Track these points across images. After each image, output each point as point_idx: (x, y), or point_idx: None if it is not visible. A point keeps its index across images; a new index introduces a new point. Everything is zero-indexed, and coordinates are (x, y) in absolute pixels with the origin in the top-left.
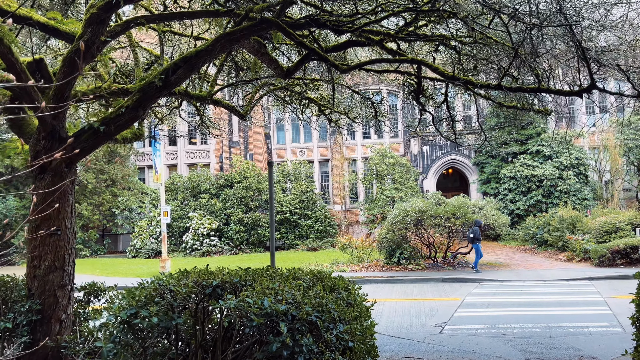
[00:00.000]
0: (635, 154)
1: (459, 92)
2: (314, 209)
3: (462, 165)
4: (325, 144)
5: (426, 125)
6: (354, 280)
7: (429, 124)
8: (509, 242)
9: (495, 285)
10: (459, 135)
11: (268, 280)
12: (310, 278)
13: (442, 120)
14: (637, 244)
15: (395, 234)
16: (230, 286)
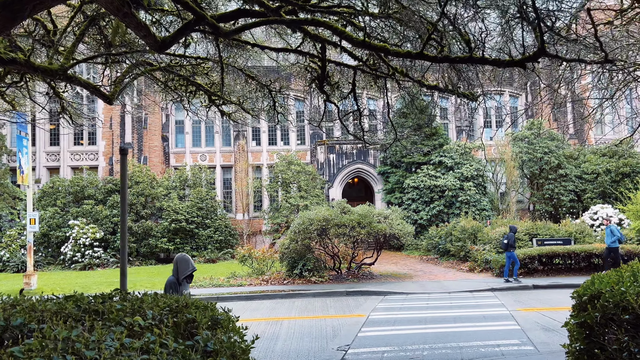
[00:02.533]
0: (528, 166)
1: (367, 85)
2: (213, 218)
3: (368, 174)
4: (228, 149)
5: (332, 119)
6: (253, 296)
7: (334, 119)
8: (412, 252)
9: (401, 299)
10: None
11: (71, 322)
12: (159, 312)
13: (348, 113)
14: (535, 254)
15: (298, 244)
16: (16, 330)
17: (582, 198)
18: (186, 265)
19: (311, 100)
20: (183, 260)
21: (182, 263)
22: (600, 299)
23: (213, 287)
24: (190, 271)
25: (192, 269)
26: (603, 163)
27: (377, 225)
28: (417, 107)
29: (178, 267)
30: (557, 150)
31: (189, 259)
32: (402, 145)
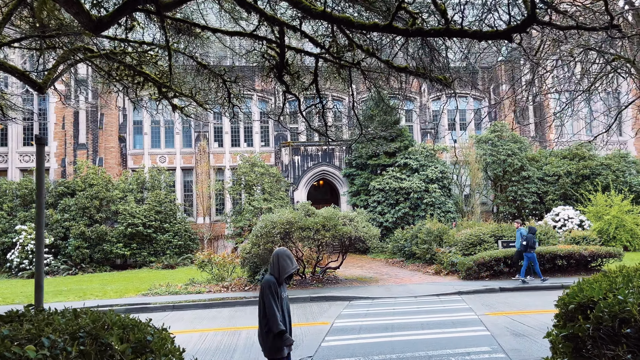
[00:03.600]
0: (492, 168)
1: (330, 76)
2: (172, 222)
3: (333, 176)
4: (189, 150)
5: (295, 118)
6: (212, 303)
7: (297, 115)
8: (378, 255)
9: (367, 304)
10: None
11: None
12: (63, 337)
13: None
14: (501, 255)
15: (260, 249)
16: None
17: (544, 200)
18: (289, 262)
19: (275, 101)
20: (285, 256)
21: (284, 259)
22: (595, 309)
23: (169, 295)
24: (293, 269)
25: (294, 267)
26: (564, 165)
27: (342, 228)
28: (383, 108)
29: (279, 264)
30: (520, 153)
31: (291, 255)
32: (368, 141)
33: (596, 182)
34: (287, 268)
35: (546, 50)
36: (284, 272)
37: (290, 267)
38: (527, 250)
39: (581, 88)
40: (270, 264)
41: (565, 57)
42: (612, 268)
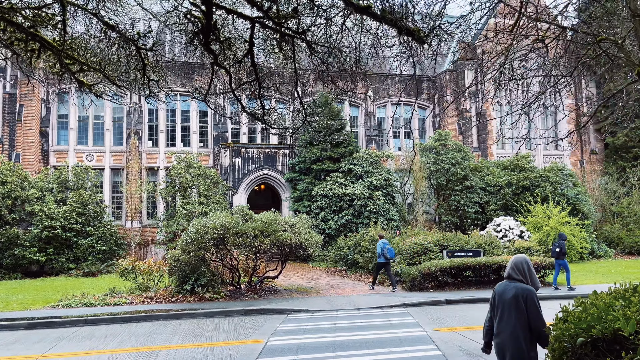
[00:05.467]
0: (436, 177)
1: (269, 49)
2: (97, 225)
3: (275, 181)
4: (120, 148)
5: (237, 120)
6: (131, 317)
7: (239, 113)
8: (320, 264)
9: (306, 318)
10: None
11: None
12: None
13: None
14: (446, 266)
15: (190, 256)
16: None
17: (486, 210)
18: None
19: (216, 101)
20: (526, 262)
21: (529, 265)
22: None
23: (83, 307)
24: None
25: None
26: (505, 176)
27: (282, 235)
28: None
29: (531, 271)
30: (464, 162)
31: None
32: (313, 132)
33: (536, 194)
34: (536, 276)
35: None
36: (536, 280)
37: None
38: (559, 257)
39: (522, 101)
40: (520, 271)
41: (506, 69)
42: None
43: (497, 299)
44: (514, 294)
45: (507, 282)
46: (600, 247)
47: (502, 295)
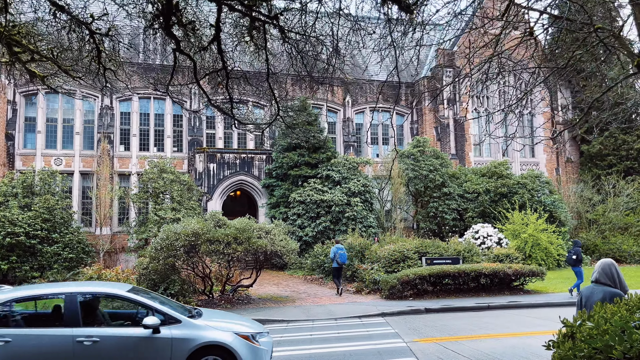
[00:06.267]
0: (414, 184)
1: (239, 35)
2: (63, 232)
3: (252, 187)
4: (90, 152)
5: (212, 123)
6: None
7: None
8: (296, 272)
9: (281, 329)
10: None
11: None
12: None
13: (211, 72)
14: (425, 273)
15: (160, 263)
16: None
17: (464, 217)
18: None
19: (191, 103)
20: (614, 266)
21: (616, 269)
22: None
23: None
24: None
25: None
26: (483, 183)
27: (256, 241)
28: (305, 116)
29: (620, 275)
30: (442, 169)
31: None
32: (287, 129)
33: (513, 201)
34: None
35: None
36: (624, 284)
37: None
38: (576, 264)
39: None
40: (608, 275)
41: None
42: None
43: (584, 302)
44: (601, 297)
45: (594, 286)
46: None
47: (589, 298)
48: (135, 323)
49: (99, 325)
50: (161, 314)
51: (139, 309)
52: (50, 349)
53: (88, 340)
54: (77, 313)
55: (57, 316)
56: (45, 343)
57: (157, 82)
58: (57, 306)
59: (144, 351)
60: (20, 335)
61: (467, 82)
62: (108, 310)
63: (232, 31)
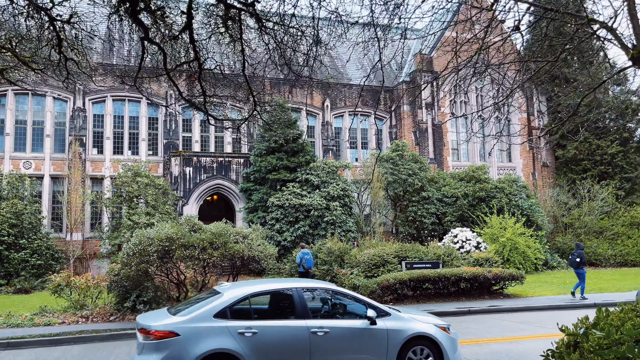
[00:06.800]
0: (393, 188)
1: (213, 26)
2: (32, 237)
3: (229, 191)
4: (62, 156)
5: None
6: (61, 339)
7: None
8: (274, 277)
9: None
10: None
11: None
12: None
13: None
14: (405, 278)
15: (132, 270)
16: None
17: (443, 221)
18: None
19: (167, 108)
20: None
21: None
22: None
23: (7, 328)
24: None
25: None
26: (461, 187)
27: (233, 246)
28: (284, 120)
29: None
30: (420, 173)
31: None
32: (265, 128)
33: (491, 205)
34: None
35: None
36: None
37: None
38: (579, 267)
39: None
40: None
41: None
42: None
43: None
44: None
45: None
46: (553, 258)
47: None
48: (350, 315)
49: (324, 318)
50: (373, 308)
51: (349, 303)
52: (290, 339)
53: (320, 331)
54: (307, 307)
55: (290, 309)
56: (285, 334)
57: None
58: (288, 300)
59: (367, 341)
60: (264, 327)
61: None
62: (321, 305)
63: (205, 20)
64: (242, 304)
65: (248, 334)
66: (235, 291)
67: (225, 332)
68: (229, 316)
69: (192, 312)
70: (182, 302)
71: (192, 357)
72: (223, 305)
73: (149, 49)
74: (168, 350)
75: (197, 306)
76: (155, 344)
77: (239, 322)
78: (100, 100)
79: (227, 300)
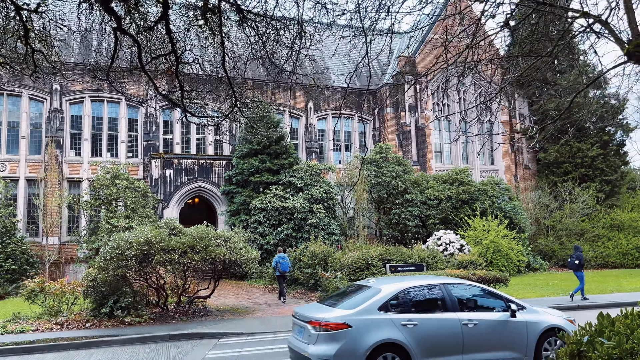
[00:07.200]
0: (377, 190)
1: (190, 16)
2: (5, 242)
3: (211, 194)
4: (38, 157)
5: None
6: (34, 347)
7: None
8: (257, 281)
9: (239, 343)
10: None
11: None
12: None
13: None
14: None
15: (109, 275)
16: None
17: (427, 223)
18: None
19: (147, 108)
20: None
21: None
22: None
23: None
24: None
25: None
26: (445, 189)
27: (214, 250)
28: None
29: None
30: (404, 175)
31: None
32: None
33: (475, 207)
34: None
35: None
36: None
37: None
38: (578, 269)
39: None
40: None
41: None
42: None
43: None
44: None
45: None
46: (536, 260)
47: None
48: (489, 309)
49: (469, 311)
50: (512, 302)
51: (488, 297)
52: (445, 331)
53: (470, 323)
54: (455, 301)
55: (441, 303)
56: (441, 325)
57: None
58: (438, 294)
59: (509, 332)
60: (422, 319)
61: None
62: (465, 298)
63: (183, 11)
64: (399, 298)
65: (410, 325)
66: (392, 286)
67: (390, 324)
68: (390, 309)
69: (356, 305)
70: (329, 295)
71: (365, 346)
72: (385, 299)
73: (123, 40)
74: (344, 340)
75: (357, 299)
76: (331, 334)
77: (401, 315)
78: (78, 101)
79: (388, 294)
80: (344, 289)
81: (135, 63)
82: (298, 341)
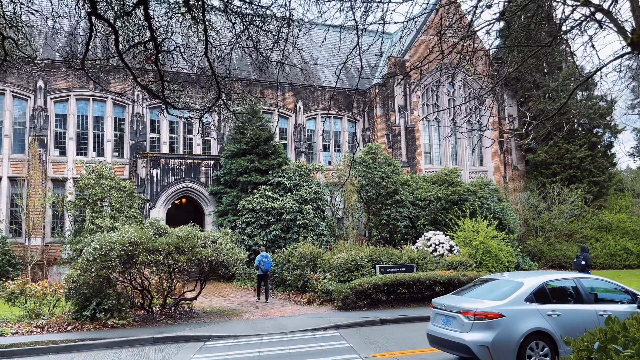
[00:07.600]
0: (366, 191)
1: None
2: None
3: (198, 194)
4: (21, 157)
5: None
6: (13, 351)
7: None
8: (245, 283)
9: (226, 346)
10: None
11: None
12: None
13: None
14: (380, 282)
15: (92, 276)
16: None
17: (416, 224)
18: None
19: (134, 107)
20: None
21: None
22: None
23: None
24: None
25: None
26: (434, 190)
27: (201, 251)
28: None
29: None
30: (394, 176)
31: None
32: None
33: (464, 208)
34: None
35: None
36: None
37: None
38: (585, 269)
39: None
40: None
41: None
42: None
43: None
44: None
45: None
46: (525, 261)
47: None
48: (616, 302)
49: (601, 303)
50: (637, 295)
51: (613, 291)
52: (585, 321)
53: (605, 314)
54: (589, 294)
55: (576, 295)
56: (581, 316)
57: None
58: (573, 288)
59: None
60: (564, 310)
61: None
62: (596, 291)
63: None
64: (542, 290)
65: (554, 315)
66: (534, 279)
67: (537, 314)
68: (534, 300)
69: (505, 297)
70: (463, 289)
71: (519, 334)
72: (530, 291)
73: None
74: (500, 328)
75: (502, 292)
76: (486, 323)
77: (545, 306)
78: (63, 99)
79: (531, 286)
80: (478, 282)
81: (113, 52)
82: (447, 330)
